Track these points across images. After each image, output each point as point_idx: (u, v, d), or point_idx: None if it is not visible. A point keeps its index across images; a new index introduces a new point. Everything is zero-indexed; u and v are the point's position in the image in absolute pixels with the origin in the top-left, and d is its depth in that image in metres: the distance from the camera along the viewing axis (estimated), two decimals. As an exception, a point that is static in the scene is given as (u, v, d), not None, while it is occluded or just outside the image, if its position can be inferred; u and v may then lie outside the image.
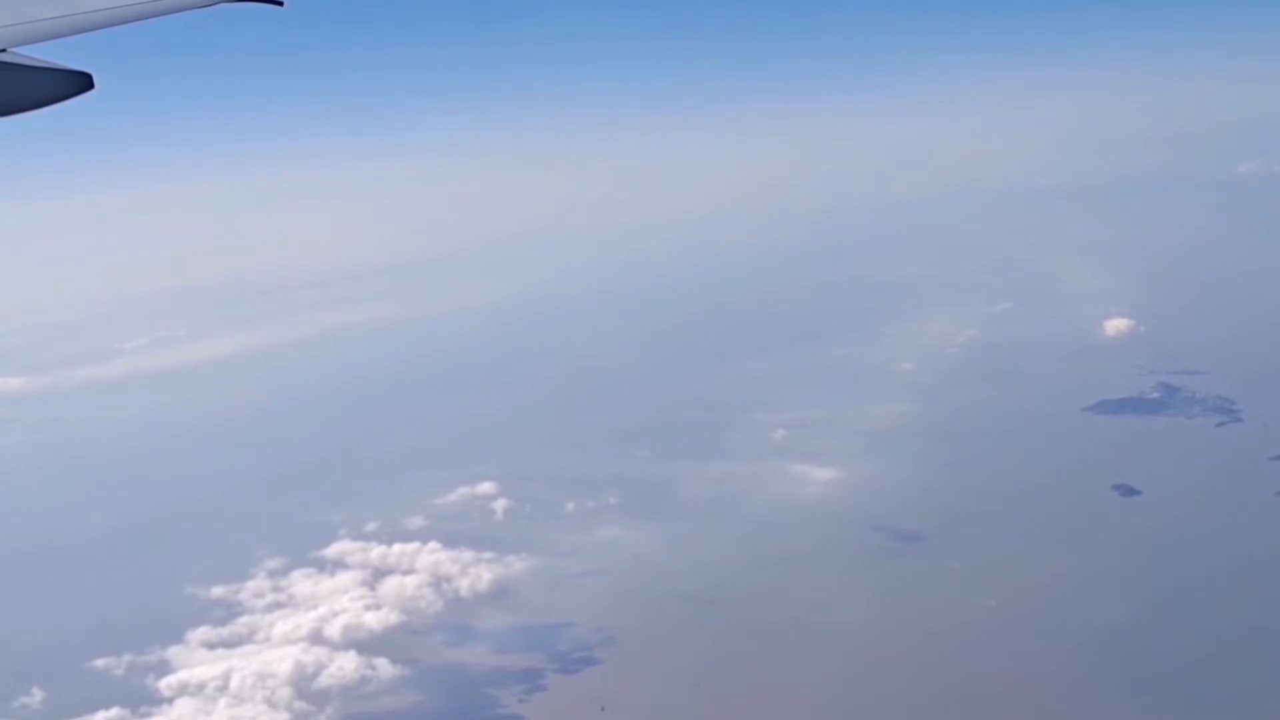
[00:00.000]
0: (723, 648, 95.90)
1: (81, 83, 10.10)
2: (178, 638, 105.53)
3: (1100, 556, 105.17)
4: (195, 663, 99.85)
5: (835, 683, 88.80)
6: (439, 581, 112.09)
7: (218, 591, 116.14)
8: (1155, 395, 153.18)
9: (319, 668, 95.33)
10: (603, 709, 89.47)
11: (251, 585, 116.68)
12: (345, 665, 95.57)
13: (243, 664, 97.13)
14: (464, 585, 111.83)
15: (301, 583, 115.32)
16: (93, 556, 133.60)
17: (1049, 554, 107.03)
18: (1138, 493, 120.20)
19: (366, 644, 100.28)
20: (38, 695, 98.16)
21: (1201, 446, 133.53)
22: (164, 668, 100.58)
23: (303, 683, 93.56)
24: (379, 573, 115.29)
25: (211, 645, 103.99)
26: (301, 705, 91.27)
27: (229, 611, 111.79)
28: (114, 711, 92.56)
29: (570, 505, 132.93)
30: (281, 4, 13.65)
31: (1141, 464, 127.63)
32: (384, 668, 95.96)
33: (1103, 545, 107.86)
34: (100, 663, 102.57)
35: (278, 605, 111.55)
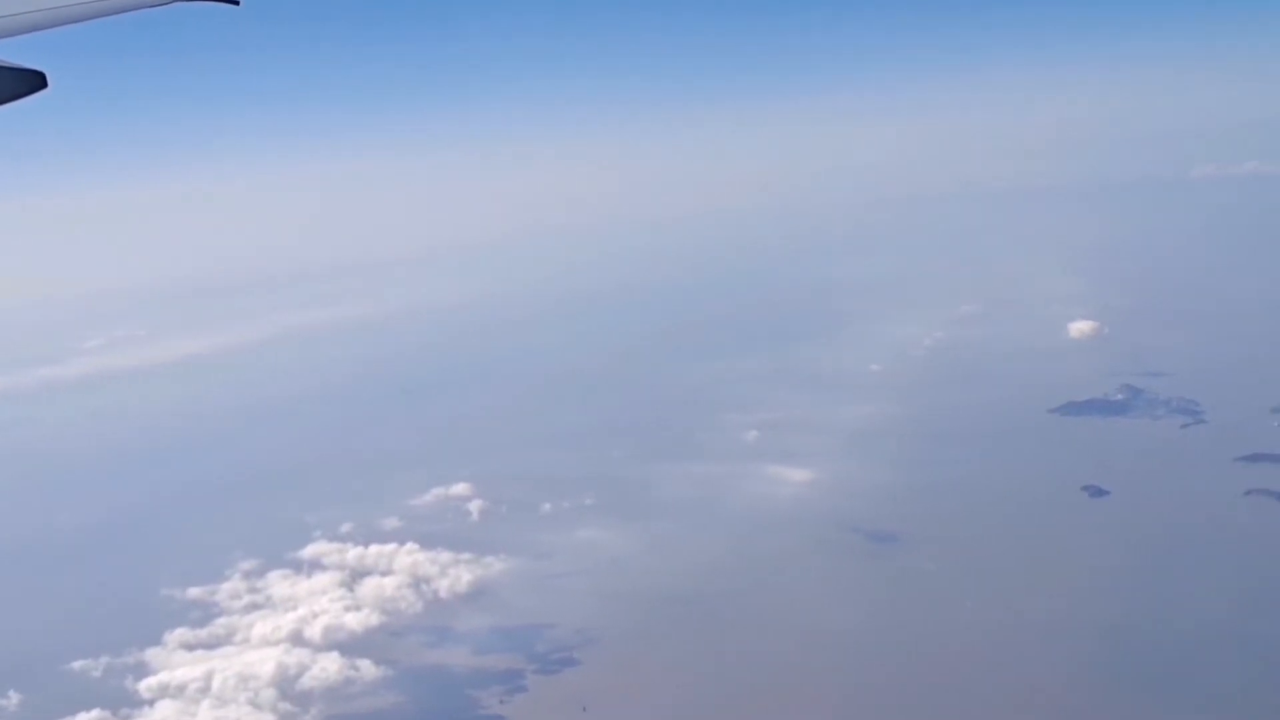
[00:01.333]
0: (703, 649, 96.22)
1: (34, 81, 10.02)
2: (155, 639, 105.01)
3: (1073, 557, 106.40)
4: (175, 664, 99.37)
5: (815, 683, 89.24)
6: (418, 582, 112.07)
7: (194, 593, 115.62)
8: (1119, 397, 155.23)
9: (302, 669, 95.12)
10: (584, 709, 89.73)
11: (227, 586, 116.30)
12: (328, 666, 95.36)
13: (224, 665, 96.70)
14: (443, 586, 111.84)
15: (279, 584, 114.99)
16: (63, 558, 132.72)
17: (1023, 555, 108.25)
18: (1106, 493, 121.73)
19: (348, 645, 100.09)
20: (14, 698, 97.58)
21: (1167, 448, 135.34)
22: (143, 669, 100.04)
23: (286, 684, 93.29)
24: (357, 574, 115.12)
25: (190, 647, 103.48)
26: (286, 706, 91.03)
27: (206, 613, 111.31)
28: (94, 713, 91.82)
29: (546, 506, 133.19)
30: (238, 3, 13.68)
31: (1109, 465, 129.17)
32: (367, 669, 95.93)
33: (1075, 546, 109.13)
34: (77, 665, 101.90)
35: (255, 606, 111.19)
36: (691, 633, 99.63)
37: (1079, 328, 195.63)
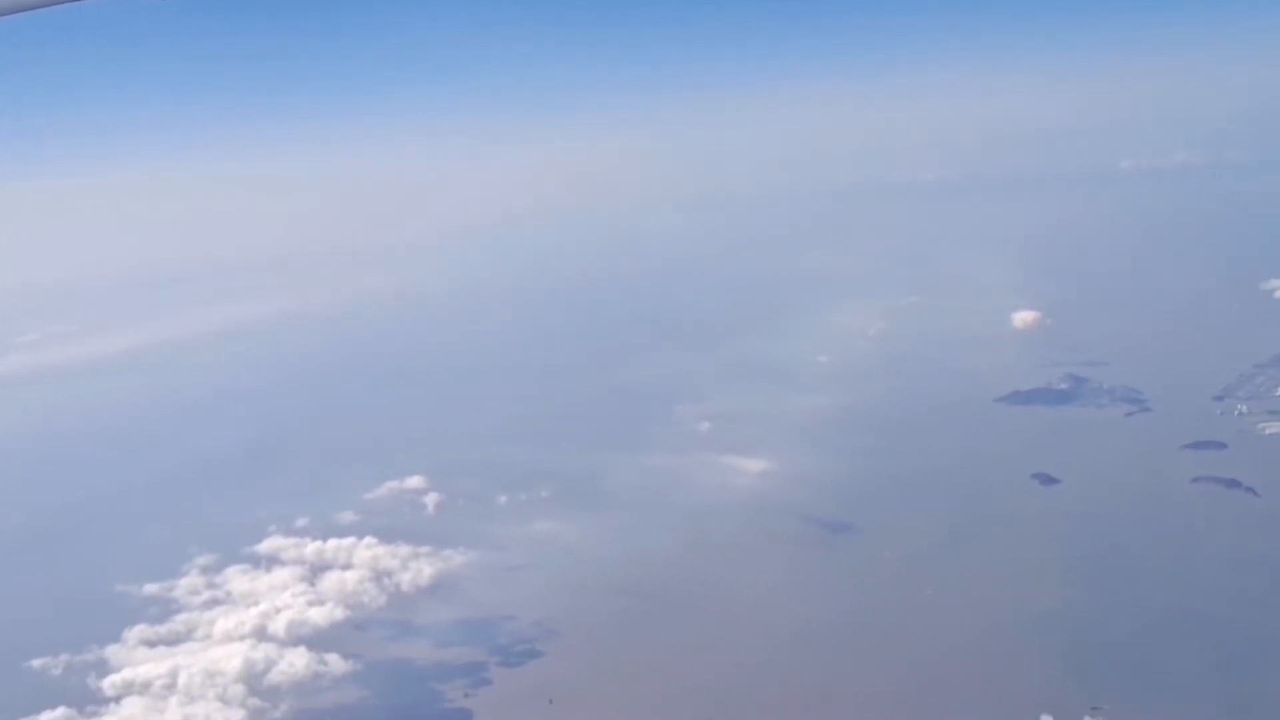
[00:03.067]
0: (665, 640, 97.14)
1: None
2: (114, 636, 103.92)
3: (1027, 544, 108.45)
4: (137, 661, 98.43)
5: (776, 670, 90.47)
6: (379, 576, 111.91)
7: (150, 589, 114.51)
8: (1064, 386, 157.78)
9: (269, 664, 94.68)
10: (551, 701, 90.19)
11: (185, 582, 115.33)
12: (296, 661, 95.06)
13: (188, 662, 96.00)
14: (405, 580, 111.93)
15: (237, 579, 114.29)
16: (12, 555, 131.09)
17: (978, 542, 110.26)
18: (1057, 481, 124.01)
19: (314, 640, 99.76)
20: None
21: (1114, 436, 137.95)
22: (104, 667, 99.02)
23: (254, 679, 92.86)
24: (316, 568, 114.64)
25: (151, 643, 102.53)
26: (255, 702, 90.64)
27: (165, 609, 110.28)
28: (60, 711, 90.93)
29: (503, 499, 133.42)
30: None
31: (1057, 453, 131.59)
32: (335, 663, 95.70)
33: (1029, 533, 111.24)
34: (37, 663, 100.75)
35: (215, 602, 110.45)
36: (653, 623, 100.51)
37: (1021, 318, 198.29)
